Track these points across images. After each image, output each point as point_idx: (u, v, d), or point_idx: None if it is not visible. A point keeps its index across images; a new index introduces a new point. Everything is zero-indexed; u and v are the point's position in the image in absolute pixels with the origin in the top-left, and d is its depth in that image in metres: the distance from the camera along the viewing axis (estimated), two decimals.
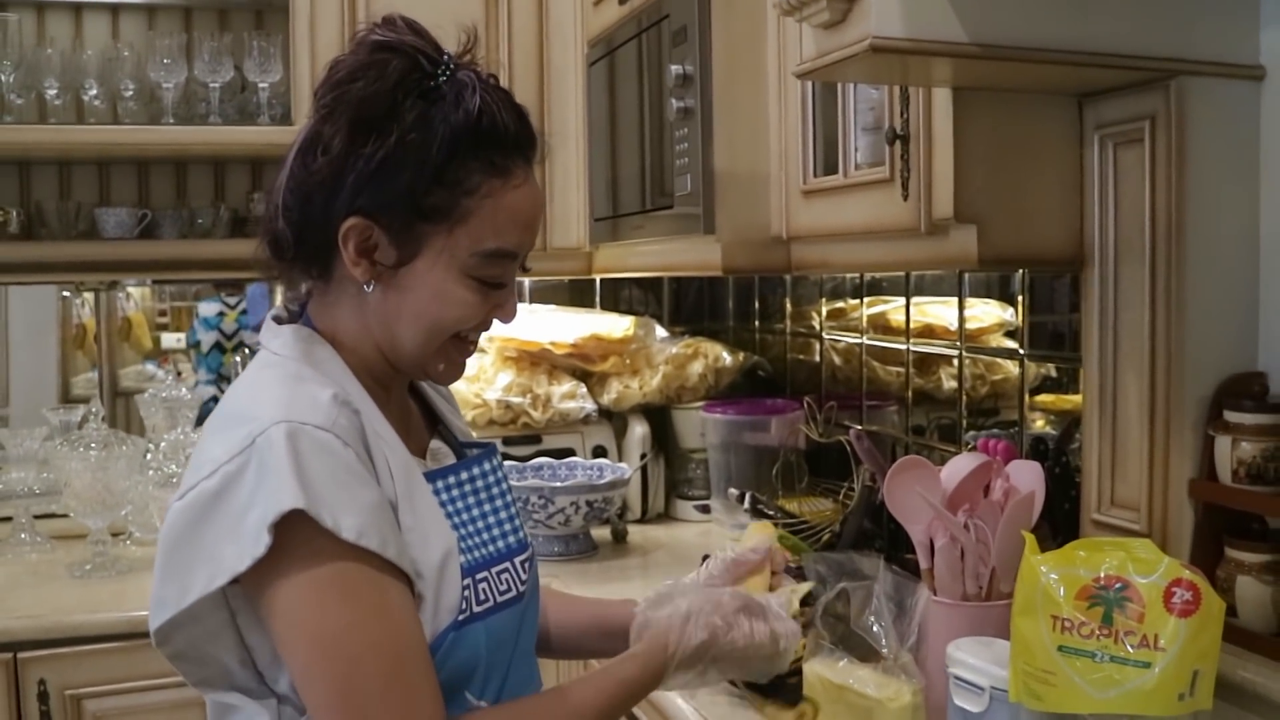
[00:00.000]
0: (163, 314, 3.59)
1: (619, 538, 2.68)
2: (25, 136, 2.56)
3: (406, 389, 1.31)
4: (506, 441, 2.75)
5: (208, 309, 3.35)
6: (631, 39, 2.30)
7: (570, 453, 2.77)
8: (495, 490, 1.27)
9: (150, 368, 3.44)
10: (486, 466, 1.28)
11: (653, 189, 2.23)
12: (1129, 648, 1.18)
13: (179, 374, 3.31)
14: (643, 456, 2.81)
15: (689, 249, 2.21)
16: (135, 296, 3.48)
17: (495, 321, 1.23)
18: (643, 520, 2.85)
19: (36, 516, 2.64)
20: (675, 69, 2.04)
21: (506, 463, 2.63)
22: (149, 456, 2.60)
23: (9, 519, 2.64)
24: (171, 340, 3.54)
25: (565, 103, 2.72)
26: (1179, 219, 1.45)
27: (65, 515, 2.50)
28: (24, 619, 2.19)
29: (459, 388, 2.72)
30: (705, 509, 2.84)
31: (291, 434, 1.05)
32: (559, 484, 2.50)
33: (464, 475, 1.25)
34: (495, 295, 1.20)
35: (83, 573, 2.42)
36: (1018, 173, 1.54)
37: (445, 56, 1.17)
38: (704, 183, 2.01)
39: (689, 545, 2.62)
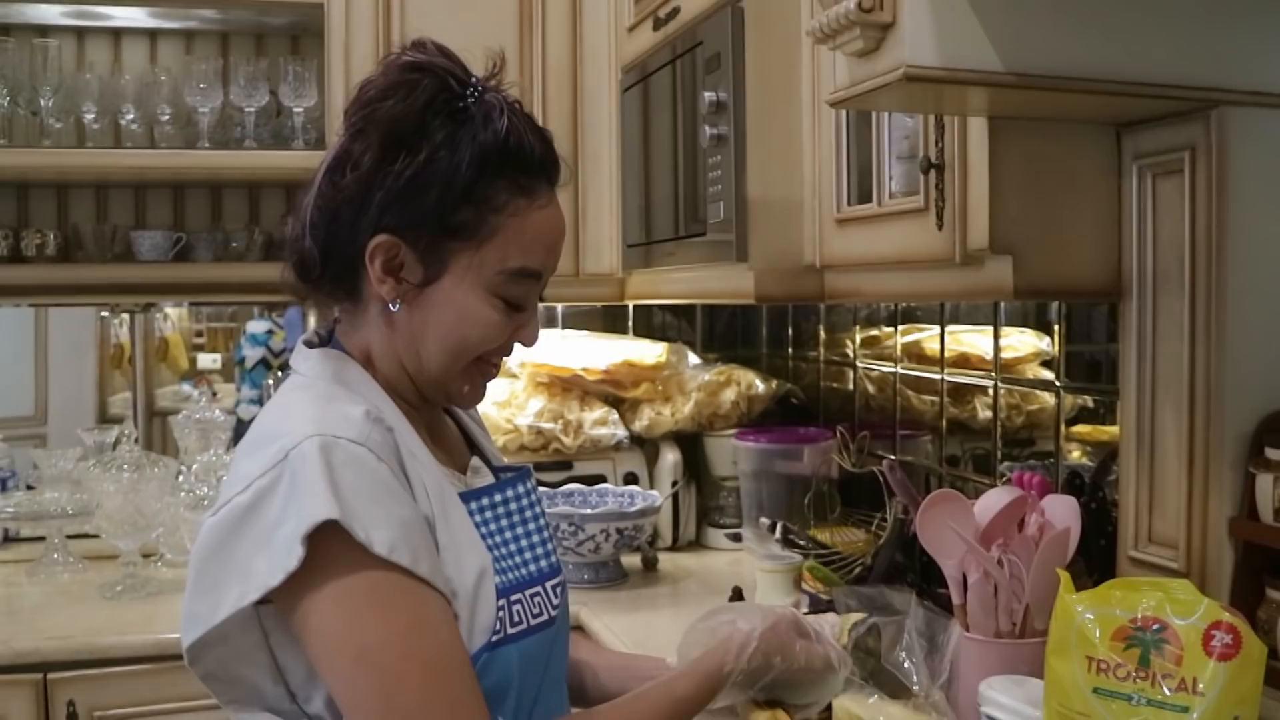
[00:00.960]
0: (199, 335, 3.61)
1: (649, 565, 2.66)
2: (63, 160, 2.59)
3: (440, 410, 1.32)
4: (538, 467, 2.73)
5: (256, 326, 3.37)
6: (666, 65, 2.29)
7: (601, 479, 2.76)
8: (529, 513, 1.27)
9: (186, 388, 3.46)
10: (521, 489, 1.28)
11: (686, 216, 2.22)
12: (1166, 691, 1.14)
13: (214, 395, 3.33)
14: (674, 484, 2.80)
15: (721, 277, 2.19)
16: (172, 317, 3.51)
17: (517, 346, 1.24)
18: (674, 548, 2.83)
19: (70, 536, 2.65)
20: (709, 96, 2.03)
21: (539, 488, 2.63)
22: (180, 478, 2.61)
23: (43, 539, 2.65)
24: (207, 361, 3.57)
25: (598, 128, 2.72)
26: (1219, 250, 1.42)
27: (97, 536, 2.51)
28: (54, 640, 2.19)
29: (490, 413, 2.72)
30: (737, 537, 2.81)
31: (325, 447, 1.05)
32: (589, 511, 2.49)
33: (498, 497, 1.25)
34: (518, 317, 1.21)
35: (113, 594, 2.42)
36: (1054, 203, 1.52)
37: (473, 79, 1.19)
38: (737, 210, 2.00)
39: (720, 574, 2.59)
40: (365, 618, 1.05)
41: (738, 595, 1.77)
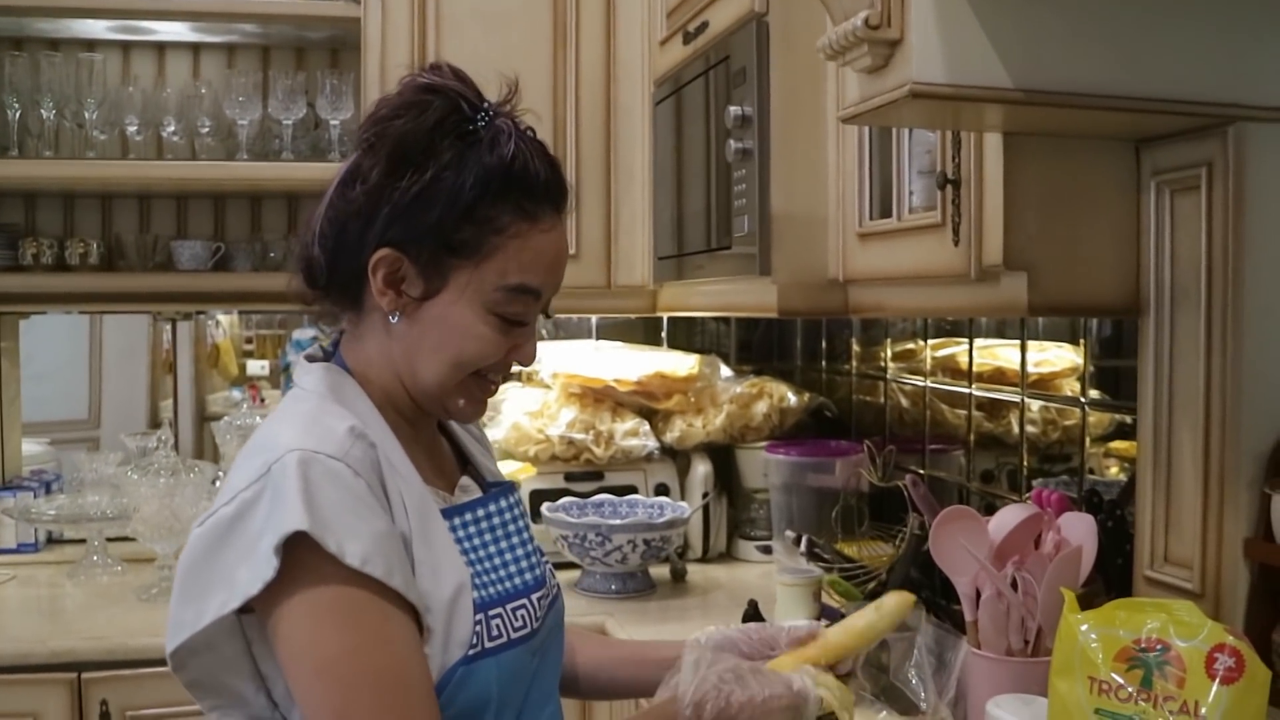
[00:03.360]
0: (249, 341, 3.67)
1: (678, 577, 2.66)
2: (107, 171, 2.65)
3: (435, 427, 1.33)
4: (569, 478, 2.76)
5: (303, 334, 3.42)
6: (698, 77, 2.30)
7: (632, 490, 2.77)
8: (513, 527, 1.28)
9: (236, 394, 3.52)
10: (504, 504, 1.29)
11: (716, 229, 2.23)
12: (1168, 713, 1.13)
13: (262, 400, 3.39)
14: (705, 495, 2.80)
15: (746, 290, 2.20)
16: (224, 324, 3.57)
17: (515, 365, 1.26)
18: (704, 559, 2.83)
19: (110, 540, 2.70)
20: (734, 110, 2.03)
21: (567, 498, 2.65)
22: (217, 484, 2.65)
23: (84, 541, 2.71)
24: (256, 367, 3.63)
25: (631, 141, 2.73)
26: (1236, 268, 1.40)
27: (136, 539, 2.56)
28: (88, 640, 2.24)
29: (522, 422, 2.74)
30: (768, 550, 2.81)
31: (303, 461, 1.07)
32: (616, 522, 2.49)
33: (480, 512, 1.26)
34: (515, 335, 1.23)
35: (149, 596, 2.47)
36: (1071, 219, 1.51)
37: (485, 103, 1.21)
38: (761, 224, 2.00)
39: (749, 586, 2.59)
40: (327, 629, 1.07)
41: (753, 609, 1.77)
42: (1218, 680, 1.12)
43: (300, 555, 1.05)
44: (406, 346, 1.21)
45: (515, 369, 1.31)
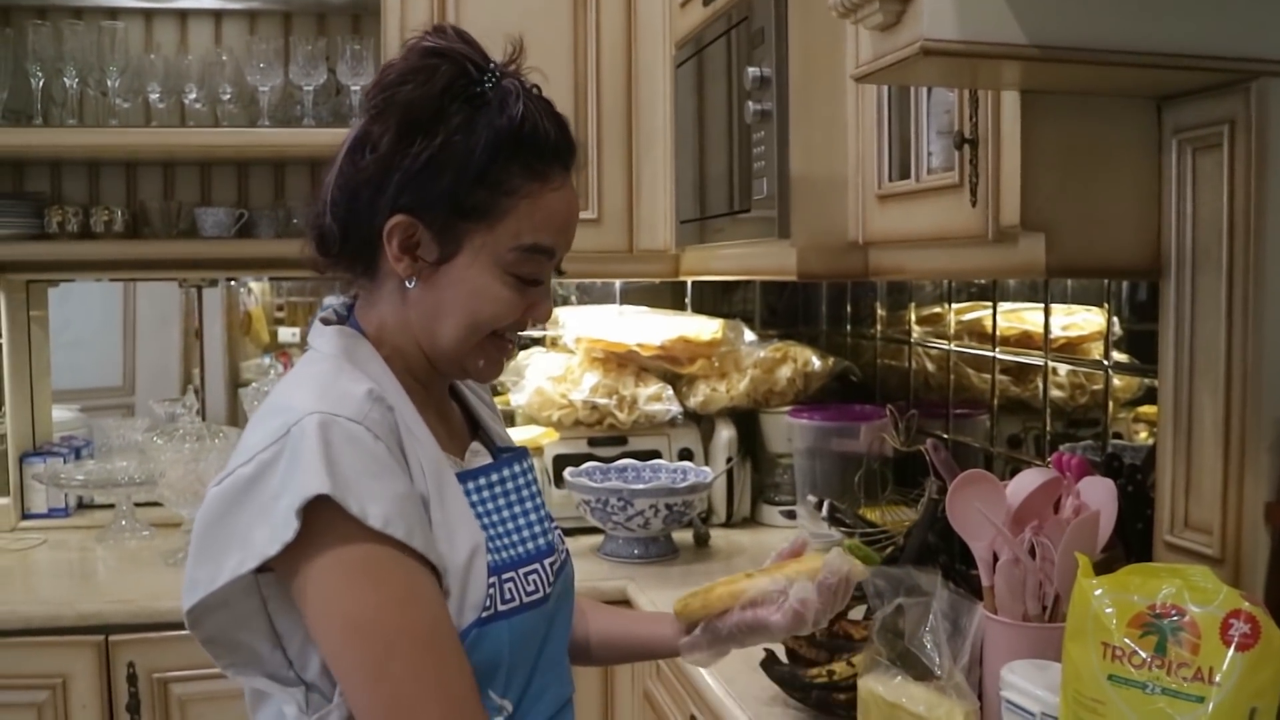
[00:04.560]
0: (280, 309, 3.69)
1: (701, 541, 2.66)
2: (131, 139, 2.65)
3: (447, 391, 1.34)
4: (592, 443, 2.76)
5: (333, 300, 3.43)
6: (719, 37, 2.27)
7: (656, 455, 2.77)
8: (525, 492, 1.29)
9: (267, 361, 3.54)
10: (517, 469, 1.30)
11: (737, 192, 2.21)
12: (1182, 680, 1.12)
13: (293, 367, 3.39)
14: (728, 460, 2.79)
15: (766, 253, 2.18)
16: (256, 291, 3.59)
17: (531, 322, 1.26)
18: (728, 524, 2.83)
19: (139, 504, 2.74)
20: (753, 71, 2.01)
21: (589, 463, 2.65)
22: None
23: (113, 506, 2.74)
24: (287, 334, 3.65)
25: (653, 104, 2.70)
26: (1258, 227, 1.37)
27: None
28: (115, 603, 2.27)
29: (545, 388, 2.74)
30: (792, 514, 2.80)
31: (323, 424, 1.08)
32: (639, 486, 2.49)
33: (494, 476, 1.27)
34: (531, 294, 1.23)
35: (175, 560, 2.49)
36: (1090, 179, 1.48)
37: (491, 65, 1.21)
38: (780, 187, 1.98)
39: (772, 550, 2.57)
40: (358, 589, 1.08)
41: None
42: (1233, 647, 1.10)
43: (323, 517, 1.06)
44: (423, 311, 1.22)
45: (535, 331, 1.32)
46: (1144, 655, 1.15)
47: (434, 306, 1.21)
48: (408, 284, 1.21)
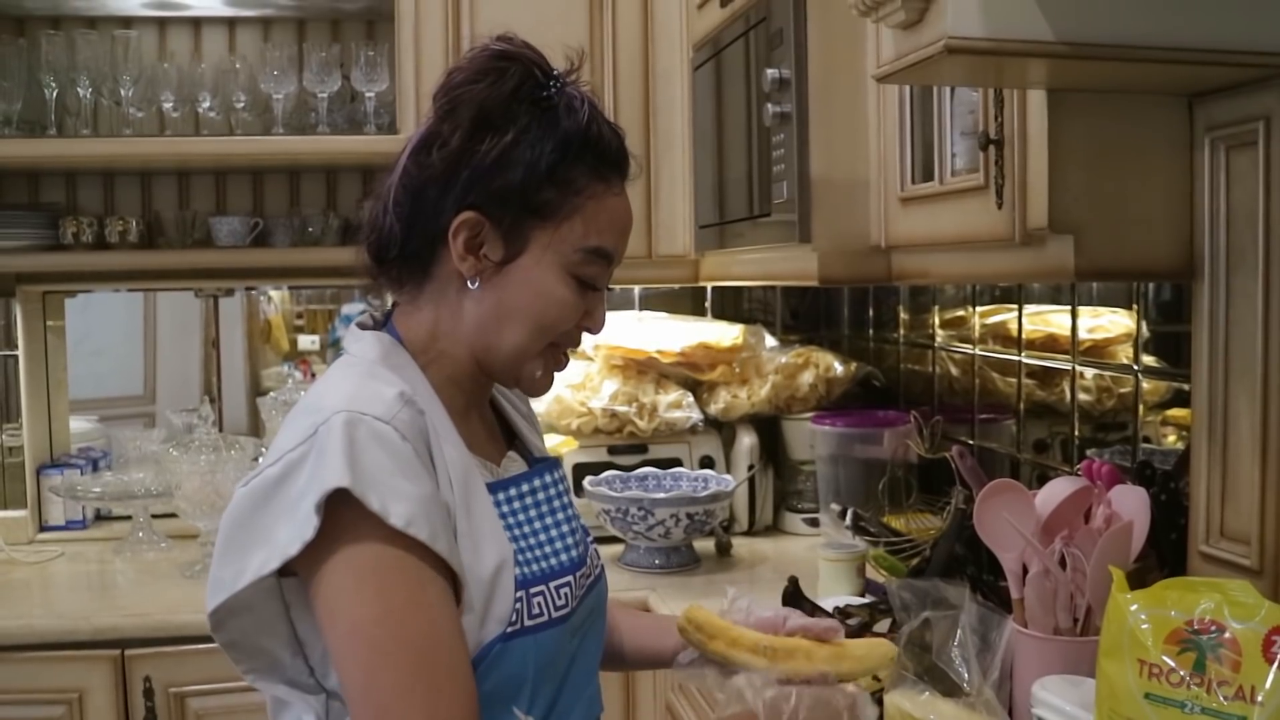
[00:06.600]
0: (299, 317, 3.69)
1: (723, 550, 2.63)
2: (145, 148, 2.64)
3: (487, 401, 1.32)
4: (612, 451, 2.73)
5: (352, 308, 3.43)
6: (738, 39, 2.24)
7: (677, 463, 2.73)
8: (557, 503, 1.27)
9: (287, 369, 3.54)
10: (549, 479, 1.28)
11: (757, 196, 2.17)
12: (1222, 699, 1.08)
13: (312, 375, 3.39)
14: (750, 468, 2.76)
15: (787, 258, 2.14)
16: (275, 300, 3.58)
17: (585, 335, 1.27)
18: (750, 532, 2.79)
19: (157, 516, 2.72)
20: (772, 73, 1.97)
21: (610, 472, 2.62)
22: (259, 460, 2.65)
23: (131, 518, 2.72)
24: (306, 342, 3.65)
25: (671, 108, 2.67)
26: None
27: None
28: (131, 616, 2.25)
29: (564, 395, 2.70)
30: (815, 522, 2.76)
31: (349, 422, 1.07)
32: (659, 495, 2.46)
33: (525, 487, 1.25)
34: (589, 299, 1.24)
35: (192, 573, 2.47)
36: (1120, 179, 1.44)
37: (555, 72, 1.24)
38: (800, 190, 1.94)
39: (795, 559, 2.55)
40: (364, 591, 1.06)
41: (793, 586, 1.73)
42: (1276, 664, 1.07)
43: (342, 514, 1.04)
44: (484, 313, 1.21)
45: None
46: (1182, 673, 1.11)
47: (495, 307, 1.21)
48: (470, 284, 1.20)
